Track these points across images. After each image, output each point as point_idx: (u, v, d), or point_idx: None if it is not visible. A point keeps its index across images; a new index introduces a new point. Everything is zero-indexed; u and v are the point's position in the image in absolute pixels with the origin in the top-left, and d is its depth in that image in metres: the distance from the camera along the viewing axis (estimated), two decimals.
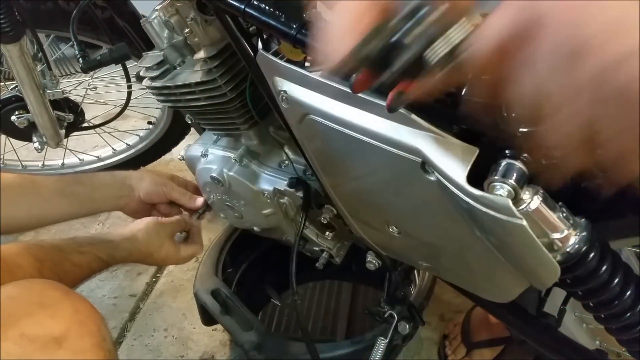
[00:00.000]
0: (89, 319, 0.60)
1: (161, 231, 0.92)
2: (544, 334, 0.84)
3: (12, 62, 1.21)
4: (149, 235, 0.90)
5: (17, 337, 0.53)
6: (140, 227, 0.90)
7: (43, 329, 0.55)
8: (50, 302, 0.58)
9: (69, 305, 0.59)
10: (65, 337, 0.56)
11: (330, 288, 1.35)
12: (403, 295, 0.94)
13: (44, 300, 0.58)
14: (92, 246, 0.81)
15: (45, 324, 0.55)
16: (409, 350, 1.18)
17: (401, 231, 0.71)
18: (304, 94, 0.65)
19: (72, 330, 0.57)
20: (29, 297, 0.58)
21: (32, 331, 0.54)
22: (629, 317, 0.62)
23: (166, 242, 0.92)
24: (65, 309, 0.58)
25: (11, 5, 1.12)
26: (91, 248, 0.80)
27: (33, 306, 0.57)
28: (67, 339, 0.56)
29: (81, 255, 0.78)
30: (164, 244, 0.92)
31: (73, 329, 0.57)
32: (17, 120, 1.38)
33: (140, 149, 1.67)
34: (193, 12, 0.84)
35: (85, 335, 0.58)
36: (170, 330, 1.28)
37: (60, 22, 1.30)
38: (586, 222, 0.58)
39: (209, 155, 0.98)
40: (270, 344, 0.99)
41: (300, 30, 0.63)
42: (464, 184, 0.52)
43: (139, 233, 0.89)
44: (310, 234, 0.98)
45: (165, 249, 0.92)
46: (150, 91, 0.94)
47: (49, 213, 0.91)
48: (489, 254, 0.61)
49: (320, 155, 0.72)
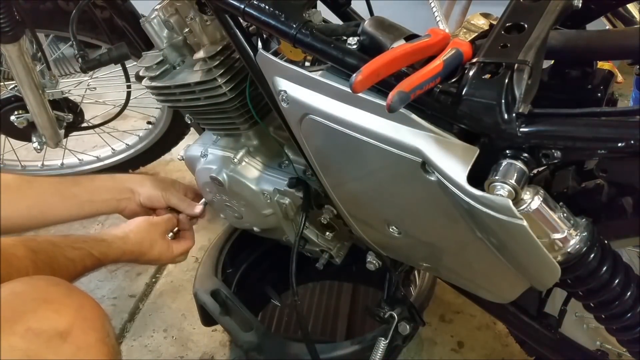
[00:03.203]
0: (93, 315, 0.60)
1: (152, 230, 0.92)
2: (544, 335, 0.84)
3: (12, 62, 1.21)
4: (140, 235, 0.90)
5: (23, 332, 0.53)
6: (132, 227, 0.90)
7: (48, 323, 0.55)
8: (54, 298, 0.58)
9: (73, 301, 0.59)
10: (69, 331, 0.56)
11: (330, 288, 1.35)
12: (403, 295, 0.94)
13: (49, 295, 0.58)
14: (85, 243, 0.81)
15: (50, 319, 0.56)
16: (409, 351, 1.18)
17: (401, 231, 0.71)
18: (304, 94, 0.65)
19: (76, 325, 0.57)
20: (33, 293, 0.58)
21: (37, 326, 0.54)
22: (630, 317, 0.62)
23: (158, 241, 0.92)
24: (69, 304, 0.58)
25: (10, 5, 1.12)
26: (84, 245, 0.80)
27: (38, 302, 0.57)
28: (72, 334, 0.56)
29: (75, 251, 0.78)
30: (156, 243, 0.91)
31: (77, 324, 0.57)
32: (16, 120, 1.38)
33: (139, 149, 1.67)
34: (192, 12, 0.83)
35: (90, 330, 0.58)
36: (169, 330, 1.28)
37: (60, 21, 1.30)
38: (587, 223, 0.58)
39: (208, 155, 0.98)
40: (270, 345, 0.99)
41: (300, 30, 0.63)
42: (464, 184, 0.52)
43: (130, 233, 0.89)
44: (310, 234, 0.98)
45: (157, 247, 0.91)
46: (149, 91, 0.94)
47: (48, 214, 0.91)
48: (489, 255, 0.61)
49: (320, 155, 0.71)
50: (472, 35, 0.66)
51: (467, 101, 0.53)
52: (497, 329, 1.22)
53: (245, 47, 0.73)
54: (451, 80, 0.55)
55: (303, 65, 0.74)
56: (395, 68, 0.53)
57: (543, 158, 0.53)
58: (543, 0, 0.57)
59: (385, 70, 0.53)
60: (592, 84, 0.68)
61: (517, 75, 0.51)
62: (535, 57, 0.52)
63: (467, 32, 0.67)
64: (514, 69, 0.52)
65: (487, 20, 0.69)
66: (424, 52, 0.55)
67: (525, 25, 0.55)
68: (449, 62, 0.53)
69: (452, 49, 0.55)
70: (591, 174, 0.67)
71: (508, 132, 0.52)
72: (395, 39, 0.59)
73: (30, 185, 0.89)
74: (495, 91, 0.52)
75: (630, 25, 0.89)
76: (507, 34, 0.56)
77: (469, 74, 0.53)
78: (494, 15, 0.70)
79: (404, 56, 0.54)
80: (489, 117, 0.52)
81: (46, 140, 1.39)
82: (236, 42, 0.74)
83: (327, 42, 0.62)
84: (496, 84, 0.52)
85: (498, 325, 1.23)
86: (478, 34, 0.66)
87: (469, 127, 0.55)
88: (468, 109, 0.53)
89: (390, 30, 0.60)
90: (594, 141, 0.51)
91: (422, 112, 0.57)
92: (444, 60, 0.53)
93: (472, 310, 1.26)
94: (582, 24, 0.69)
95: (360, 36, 0.61)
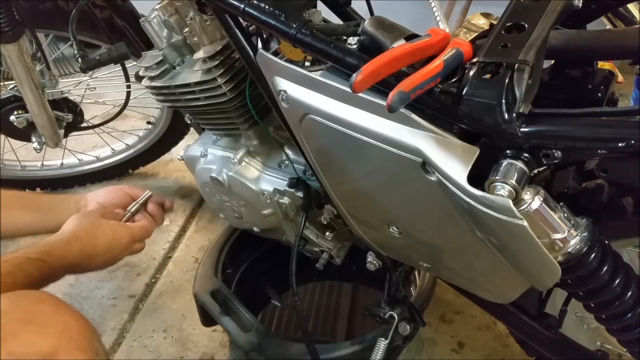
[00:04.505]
0: (80, 335, 0.58)
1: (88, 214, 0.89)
2: (544, 335, 0.84)
3: (11, 61, 1.21)
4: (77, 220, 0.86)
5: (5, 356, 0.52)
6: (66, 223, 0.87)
7: (31, 347, 0.54)
8: (38, 319, 0.57)
9: (59, 321, 0.58)
10: (54, 354, 0.54)
11: (330, 289, 1.35)
12: (403, 296, 0.94)
13: (32, 316, 0.57)
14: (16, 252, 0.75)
15: (34, 342, 0.54)
16: (409, 351, 1.18)
17: (401, 231, 0.71)
18: (304, 94, 0.65)
19: (61, 348, 0.55)
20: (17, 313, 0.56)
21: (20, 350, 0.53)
22: (630, 317, 0.62)
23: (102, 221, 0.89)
24: (54, 325, 0.57)
25: (10, 5, 1.12)
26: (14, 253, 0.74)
27: (21, 322, 0.55)
28: (57, 357, 0.54)
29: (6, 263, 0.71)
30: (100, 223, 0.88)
31: (63, 345, 0.55)
32: (16, 120, 1.38)
33: (139, 149, 1.67)
34: (192, 12, 0.83)
35: (76, 351, 0.56)
36: (169, 331, 1.28)
37: (59, 21, 1.30)
38: (587, 223, 0.58)
39: (208, 155, 0.98)
40: (270, 345, 0.99)
41: (300, 29, 0.63)
42: (465, 184, 0.51)
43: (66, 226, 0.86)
44: (311, 234, 0.98)
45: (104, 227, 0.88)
46: (149, 91, 0.94)
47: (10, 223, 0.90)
48: (489, 255, 0.61)
49: (320, 155, 0.71)
50: (473, 35, 0.66)
51: (468, 101, 0.53)
52: (498, 329, 1.22)
53: (245, 47, 0.73)
54: (451, 80, 0.55)
55: (303, 65, 0.74)
56: (395, 68, 0.53)
57: (543, 158, 0.53)
58: (543, 0, 0.57)
59: (385, 70, 0.52)
60: (592, 84, 0.68)
61: (518, 75, 0.51)
62: (536, 57, 0.52)
63: (468, 32, 0.67)
64: (515, 68, 0.52)
65: (488, 20, 0.69)
66: (424, 52, 0.55)
67: (526, 25, 0.55)
68: (449, 62, 0.53)
69: (453, 48, 0.55)
70: (591, 174, 0.67)
71: (508, 132, 0.52)
72: (395, 38, 0.59)
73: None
74: (495, 91, 0.51)
75: (631, 25, 0.89)
76: (508, 34, 0.56)
77: (469, 73, 0.53)
78: (494, 15, 0.70)
79: (404, 56, 0.54)
80: (489, 117, 0.52)
81: (46, 140, 1.39)
82: (236, 42, 0.74)
83: (327, 42, 0.62)
84: (496, 84, 0.52)
85: (498, 326, 1.23)
86: (478, 34, 0.66)
87: (469, 127, 0.55)
88: (468, 108, 0.53)
89: (391, 30, 0.60)
90: (595, 141, 0.51)
91: (422, 112, 0.57)
92: (444, 60, 0.53)
93: (473, 310, 1.26)
94: (583, 23, 0.69)
95: (361, 36, 0.61)
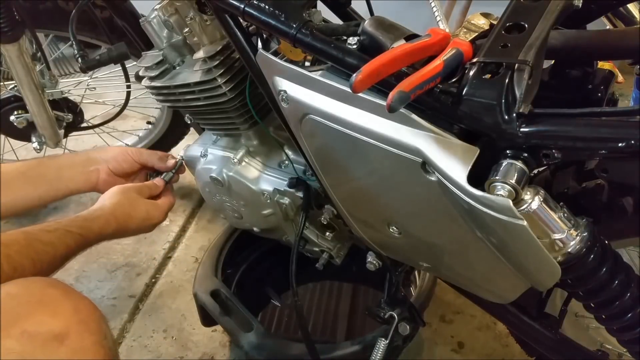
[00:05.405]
0: (90, 317, 0.60)
1: (128, 191, 0.89)
2: (544, 335, 0.83)
3: (11, 61, 1.21)
4: (116, 197, 0.87)
5: (19, 335, 0.53)
6: (107, 195, 0.88)
7: (44, 326, 0.55)
8: (50, 301, 0.58)
9: (69, 304, 0.59)
10: (66, 334, 0.56)
11: (330, 289, 1.35)
12: (403, 296, 0.94)
13: (45, 298, 0.58)
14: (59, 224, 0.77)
15: (46, 322, 0.55)
16: (409, 351, 1.18)
17: (401, 231, 0.71)
18: (304, 94, 0.65)
19: (72, 328, 0.57)
20: (29, 295, 0.58)
21: (33, 329, 0.54)
22: (630, 317, 0.62)
23: (139, 199, 0.89)
24: (65, 307, 0.58)
25: (10, 5, 1.12)
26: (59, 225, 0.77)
27: (33, 304, 0.57)
28: (68, 337, 0.56)
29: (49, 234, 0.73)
30: (137, 201, 0.88)
31: (74, 326, 0.57)
32: (16, 120, 1.38)
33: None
34: (192, 12, 0.83)
35: (86, 333, 0.58)
36: (169, 331, 1.28)
37: (59, 21, 1.30)
38: (587, 223, 0.58)
39: (208, 155, 0.98)
40: (270, 345, 0.99)
41: (300, 29, 0.63)
42: (465, 184, 0.51)
43: (106, 200, 0.86)
44: (310, 234, 0.98)
45: (141, 207, 0.88)
46: (149, 91, 0.94)
47: (18, 199, 0.89)
48: (489, 255, 0.61)
49: (320, 155, 0.71)
50: (473, 35, 0.66)
51: (468, 101, 0.53)
52: (498, 329, 1.22)
53: (245, 47, 0.73)
54: (451, 80, 0.55)
55: (303, 65, 0.74)
56: (395, 68, 0.53)
57: (543, 158, 0.53)
58: (543, 0, 0.57)
59: (385, 70, 0.53)
60: (592, 84, 0.68)
61: (518, 75, 0.51)
62: (536, 57, 0.52)
63: (468, 32, 0.67)
64: (515, 68, 0.52)
65: (487, 20, 0.69)
66: (424, 52, 0.55)
67: (526, 25, 0.55)
68: (449, 62, 0.53)
69: (453, 48, 0.55)
70: (591, 174, 0.67)
71: (508, 132, 0.52)
72: (395, 38, 0.59)
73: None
74: (495, 91, 0.52)
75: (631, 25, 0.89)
76: (508, 34, 0.56)
77: (469, 73, 0.53)
78: (494, 15, 0.70)
79: (404, 56, 0.54)
80: (489, 117, 0.52)
81: (46, 140, 1.39)
82: (236, 42, 0.74)
83: (327, 42, 0.62)
84: (496, 84, 0.52)
85: (498, 326, 1.23)
86: (478, 34, 0.66)
87: (469, 127, 0.55)
88: (468, 108, 0.53)
89: (391, 30, 0.60)
90: (595, 141, 0.51)
91: (422, 112, 0.57)
92: (444, 60, 0.53)
93: (473, 310, 1.26)
94: (583, 23, 0.69)
95: (361, 36, 0.61)
